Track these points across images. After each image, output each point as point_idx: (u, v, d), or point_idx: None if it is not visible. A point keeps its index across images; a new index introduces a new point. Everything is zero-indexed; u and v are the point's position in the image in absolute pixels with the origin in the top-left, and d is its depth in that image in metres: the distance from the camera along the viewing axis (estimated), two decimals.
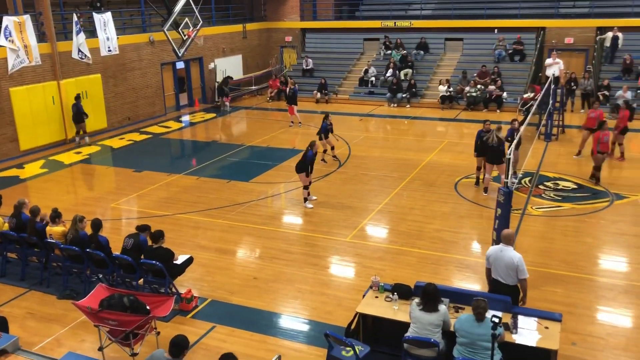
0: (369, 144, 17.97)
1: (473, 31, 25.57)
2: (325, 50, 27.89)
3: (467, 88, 22.50)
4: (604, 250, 10.25)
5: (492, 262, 7.09)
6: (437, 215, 11.93)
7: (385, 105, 23.76)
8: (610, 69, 22.27)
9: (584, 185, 13.38)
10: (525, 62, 23.86)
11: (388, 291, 7.16)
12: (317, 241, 10.83)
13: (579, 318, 7.94)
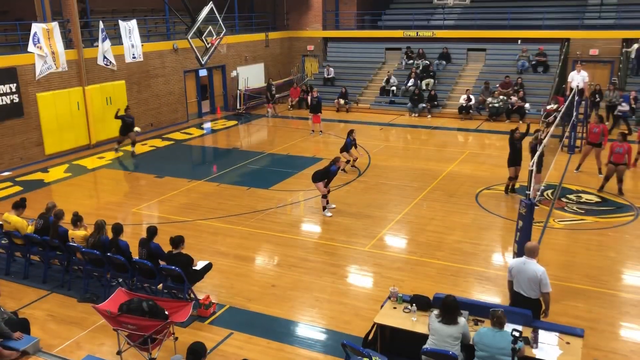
0: (389, 153, 17.92)
1: (496, 42, 25.40)
2: (347, 60, 27.95)
3: (490, 99, 22.34)
4: (628, 265, 10.05)
5: (514, 275, 7.00)
6: (457, 226, 11.83)
7: (406, 115, 23.70)
8: (636, 81, 21.92)
9: (607, 199, 13.17)
10: (549, 73, 23.62)
11: (406, 302, 7.10)
12: (335, 250, 10.81)
13: (601, 334, 7.78)
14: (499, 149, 18.41)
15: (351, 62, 27.68)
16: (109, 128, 18.75)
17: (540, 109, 21.45)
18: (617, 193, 13.29)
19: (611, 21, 24.56)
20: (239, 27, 26.40)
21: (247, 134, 21.85)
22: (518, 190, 13.54)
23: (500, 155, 17.18)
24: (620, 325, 8.09)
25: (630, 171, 14.11)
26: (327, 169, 12.46)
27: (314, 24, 28.88)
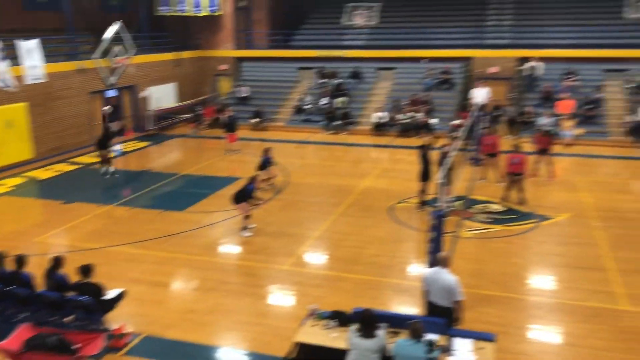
0: (306, 170, 18.07)
1: (404, 61, 26.42)
2: (262, 79, 28.01)
3: (399, 115, 23.11)
4: (533, 270, 10.66)
5: (428, 285, 7.22)
6: (374, 240, 12.07)
7: (321, 132, 24.04)
8: (531, 97, 23.50)
9: (511, 208, 13.93)
10: (454, 90, 24.83)
11: (326, 318, 7.13)
12: (255, 270, 10.71)
13: (511, 337, 8.18)
14: (410, 163, 19.02)
15: (266, 81, 27.77)
16: (8, 153, 17.60)
17: (447, 124, 22.46)
18: (519, 202, 14.09)
19: (507, 41, 26.26)
20: (149, 46, 25.79)
21: (160, 155, 21.29)
22: (429, 202, 14.03)
23: (411, 169, 17.79)
24: (528, 327, 8.55)
25: (529, 180, 14.99)
26: (244, 189, 12.37)
27: (226, 44, 28.77)
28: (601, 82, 23.21)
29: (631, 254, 11.08)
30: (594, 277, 10.09)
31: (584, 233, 12.24)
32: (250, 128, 24.67)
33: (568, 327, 8.54)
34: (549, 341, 8.23)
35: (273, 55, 28.66)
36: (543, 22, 26.76)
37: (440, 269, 7.14)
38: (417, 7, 29.59)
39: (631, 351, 7.81)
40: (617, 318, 8.68)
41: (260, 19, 30.21)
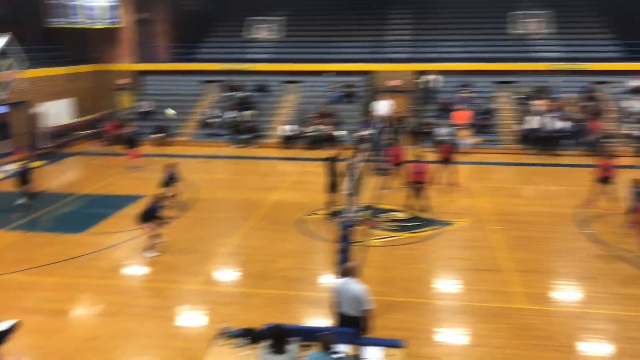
0: (213, 185, 17.77)
1: (309, 74, 26.79)
2: (165, 93, 27.32)
3: (307, 128, 23.37)
4: (438, 274, 11.10)
5: (337, 295, 7.30)
6: (285, 253, 12.07)
7: (228, 146, 23.78)
8: (430, 108, 24.60)
9: (415, 215, 14.45)
10: (358, 102, 25.48)
11: (237, 337, 7.01)
12: (162, 291, 10.34)
13: (420, 342, 8.44)
14: (319, 175, 19.27)
15: (169, 95, 27.11)
16: None
17: (352, 135, 22.98)
18: (422, 209, 14.65)
19: (407, 55, 27.37)
20: (42, 60, 24.39)
21: (58, 174, 20.11)
22: (337, 213, 14.23)
23: (320, 181, 18.01)
24: (435, 331, 8.87)
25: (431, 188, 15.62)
26: (150, 207, 11.97)
27: (126, 57, 27.82)
28: (493, 93, 24.74)
29: (525, 254, 11.82)
30: (494, 279, 10.66)
31: (483, 236, 12.92)
32: (154, 144, 23.97)
33: (471, 328, 8.95)
34: (454, 343, 8.58)
35: (176, 69, 28.09)
36: (439, 37, 28.17)
37: (349, 279, 7.25)
38: (321, 21, 30.18)
39: (528, 347, 8.31)
40: (514, 316, 9.20)
41: (162, 31, 29.53)
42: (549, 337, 8.57)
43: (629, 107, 22.76)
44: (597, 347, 8.42)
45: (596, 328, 8.89)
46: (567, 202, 15.43)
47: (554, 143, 21.47)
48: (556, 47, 26.82)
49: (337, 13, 29.72)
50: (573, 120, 21.85)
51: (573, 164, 20.18)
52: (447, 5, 29.54)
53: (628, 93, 23.93)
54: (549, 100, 23.16)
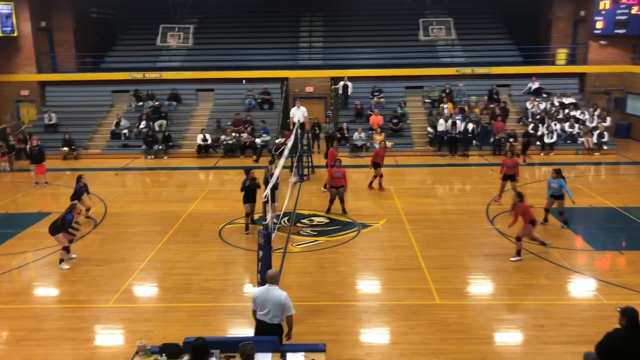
0: (127, 199, 17.16)
1: (223, 82, 26.52)
2: (70, 104, 26.08)
3: (223, 136, 23.09)
4: (357, 276, 11.27)
5: (258, 303, 7.24)
6: (204, 265, 11.84)
7: (142, 157, 23.05)
8: (345, 114, 25.03)
9: (334, 219, 14.64)
10: (274, 109, 25.50)
11: (156, 354, 6.79)
12: (74, 312, 9.84)
13: (341, 344, 8.54)
14: (237, 183, 19.08)
15: (75, 107, 25.91)
16: None
17: (270, 143, 22.96)
18: (341, 213, 14.86)
19: (320, 62, 27.73)
20: None
21: None
22: (257, 221, 14.16)
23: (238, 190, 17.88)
24: (356, 332, 9.00)
25: (348, 192, 15.91)
26: (62, 218, 11.44)
27: (26, 67, 26.34)
28: (404, 98, 25.54)
29: (440, 251, 12.28)
30: (411, 277, 10.99)
31: (400, 236, 13.28)
32: (62, 157, 22.82)
33: (390, 326, 9.16)
34: (375, 342, 8.74)
35: (82, 79, 26.88)
36: (350, 44, 28.74)
37: (269, 287, 7.22)
38: (233, 28, 29.96)
39: (444, 341, 8.62)
40: (432, 312, 9.52)
41: (64, 40, 28.17)
42: (466, 330, 8.93)
43: (531, 108, 24.22)
44: (510, 336, 8.88)
45: (508, 318, 9.37)
46: (477, 199, 16.19)
47: (463, 144, 22.47)
48: (462, 52, 28.15)
49: (249, 20, 29.62)
50: (478, 122, 22.96)
51: (481, 163, 21.21)
52: (358, 12, 30.20)
53: (529, 95, 25.49)
54: (456, 103, 24.23)
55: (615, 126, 25.58)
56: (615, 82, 26.28)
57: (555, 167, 14.02)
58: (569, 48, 27.74)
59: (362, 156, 22.43)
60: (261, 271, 8.70)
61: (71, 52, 28.10)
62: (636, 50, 26.07)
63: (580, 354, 7.17)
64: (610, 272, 11.22)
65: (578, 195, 16.50)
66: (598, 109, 24.03)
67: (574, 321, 9.17)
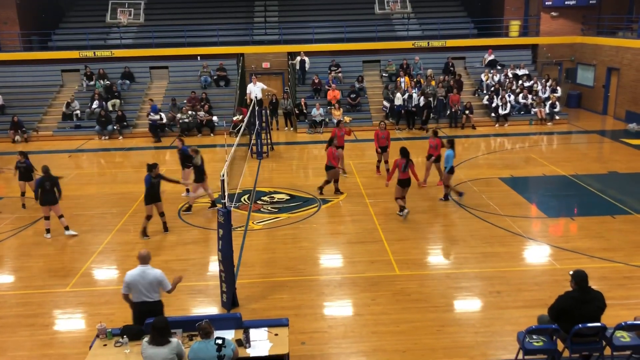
0: (82, 181, 16.74)
1: (177, 59, 25.94)
2: (17, 84, 25.07)
3: (179, 115, 22.67)
4: (319, 250, 11.35)
5: (133, 286, 7.16)
6: (164, 245, 11.71)
7: (96, 138, 22.46)
8: (303, 89, 24.90)
9: (295, 195, 14.65)
10: (230, 86, 25.15)
11: (117, 336, 6.73)
12: (31, 298, 9.61)
13: (304, 318, 8.62)
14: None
15: (22, 87, 24.93)
16: None
17: (228, 121, 22.69)
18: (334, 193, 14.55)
19: (276, 37, 27.40)
20: None
21: None
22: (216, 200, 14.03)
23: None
24: (318, 306, 9.09)
25: (308, 168, 15.89)
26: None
27: None
28: (361, 72, 25.54)
29: (398, 224, 12.46)
30: (371, 249, 11.14)
31: (360, 210, 13.41)
32: (11, 141, 22.03)
33: (353, 298, 9.30)
34: (337, 314, 8.86)
35: (28, 58, 25.83)
36: (306, 19, 28.48)
37: (143, 267, 7.19)
38: (185, 4, 29.25)
39: (405, 310, 8.80)
40: (392, 283, 9.69)
41: (7, 17, 26.94)
42: (426, 299, 9.14)
43: (485, 80, 24.60)
44: (468, 303, 9.13)
45: (466, 286, 9.62)
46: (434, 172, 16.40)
47: (420, 117, 22.69)
48: (417, 25, 28.25)
49: None
50: (435, 95, 23.19)
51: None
52: None
53: (484, 67, 25.87)
54: (413, 77, 24.39)
55: (566, 96, 26.31)
56: (567, 53, 26.93)
57: (449, 138, 14.13)
58: (521, 20, 28.17)
59: (321, 132, 22.43)
60: (222, 250, 8.65)
61: (16, 30, 26.91)
62: (586, 21, 26.71)
63: (535, 317, 7.45)
64: (562, 238, 11.64)
65: (532, 165, 17.02)
66: (550, 80, 24.60)
67: (529, 286, 9.50)
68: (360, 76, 24.84)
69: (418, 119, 22.72)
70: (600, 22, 26.00)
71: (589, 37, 25.91)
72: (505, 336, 8.02)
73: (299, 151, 20.05)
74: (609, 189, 14.54)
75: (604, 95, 24.84)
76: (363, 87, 24.67)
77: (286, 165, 17.94)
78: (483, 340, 7.95)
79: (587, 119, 24.16)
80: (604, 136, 21.35)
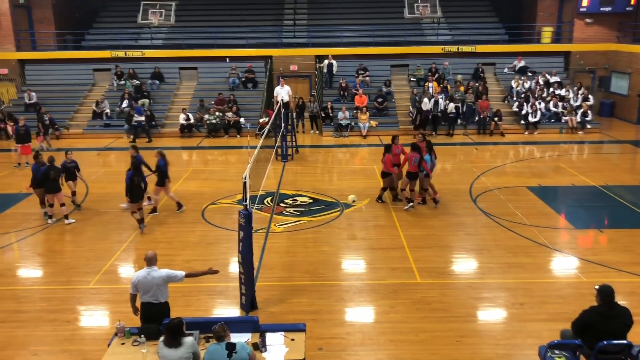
0: (109, 179, 16.99)
1: (206, 60, 26.19)
2: (51, 83, 25.64)
3: (206, 116, 22.86)
4: (340, 255, 11.28)
5: (140, 287, 7.16)
6: (187, 245, 11.79)
7: (124, 137, 22.79)
8: (330, 92, 24.87)
9: (318, 199, 14.61)
10: (258, 88, 25.27)
11: (135, 335, 6.78)
12: (54, 293, 9.77)
13: (322, 323, 8.56)
14: (222, 163, 19.05)
15: (56, 85, 25.48)
16: None
17: (255, 122, 22.80)
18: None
19: (304, 40, 27.44)
20: None
21: None
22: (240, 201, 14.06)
23: (223, 170, 17.86)
24: (337, 311, 9.02)
25: (332, 172, 15.85)
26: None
27: (5, 45, 25.80)
28: (389, 77, 25.40)
29: (421, 231, 12.33)
30: (393, 256, 11.03)
31: (383, 216, 13.30)
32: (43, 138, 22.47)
33: (372, 305, 9.20)
34: (356, 321, 8.78)
35: (62, 57, 26.38)
36: (335, 22, 28.47)
37: (149, 269, 7.16)
38: (215, 6, 29.52)
39: (424, 319, 8.68)
40: (412, 291, 9.57)
41: (44, 17, 27.58)
42: (446, 309, 9.00)
43: (516, 87, 24.23)
44: (489, 314, 8.96)
45: (488, 296, 9.44)
46: (460, 179, 16.23)
47: (447, 123, 22.45)
48: (447, 30, 27.99)
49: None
50: (463, 101, 22.92)
51: (465, 143, 21.25)
52: None
53: (514, 73, 25.49)
54: (441, 82, 24.14)
55: (599, 105, 25.74)
56: (600, 61, 26.35)
57: (427, 142, 13.89)
58: (554, 26, 27.67)
59: (346, 136, 22.36)
60: (242, 252, 8.66)
61: (51, 30, 27.53)
62: (621, 29, 26.11)
63: (558, 331, 7.27)
64: (590, 250, 11.35)
65: (561, 174, 16.68)
66: (582, 88, 24.09)
67: (553, 299, 9.27)
68: (387, 80, 24.70)
69: (445, 125, 22.48)
70: (637, 30, 25.38)
71: (624, 45, 25.30)
72: (526, 349, 7.84)
73: (324, 154, 20.02)
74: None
75: (638, 104, 24.22)
76: (390, 92, 24.53)
77: (310, 169, 17.92)
78: (503, 353, 7.79)
79: (620, 128, 23.59)
80: (637, 147, 20.80)
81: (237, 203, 14.10)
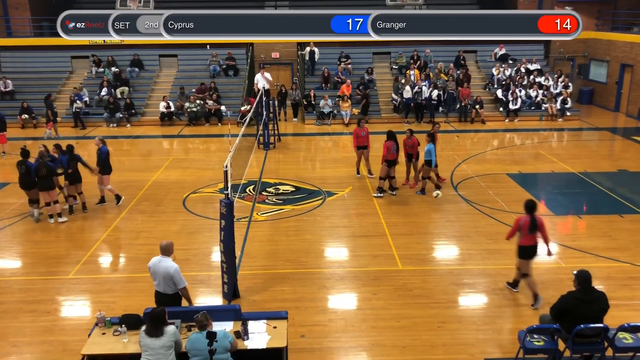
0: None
1: (186, 47, 25.88)
2: (27, 70, 25.17)
3: (187, 104, 22.64)
4: (322, 243, 11.30)
5: (151, 273, 7.18)
6: (168, 234, 11.67)
7: (104, 125, 22.49)
8: (312, 80, 24.76)
9: (300, 187, 14.59)
10: (239, 76, 25.07)
11: (116, 324, 6.73)
12: (33, 284, 9.65)
13: (305, 311, 8.59)
14: (202, 152, 18.93)
15: (32, 73, 25.02)
16: None
17: (236, 110, 22.64)
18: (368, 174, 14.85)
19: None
20: None
21: None
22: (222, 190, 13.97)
23: (203, 158, 17.74)
24: (319, 299, 9.05)
25: (315, 160, 15.83)
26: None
27: None
28: (371, 65, 25.35)
29: (403, 218, 12.39)
30: (375, 243, 11.08)
31: (365, 204, 13.33)
32: (20, 126, 22.13)
33: (354, 292, 9.25)
34: (338, 308, 8.82)
35: (39, 44, 25.88)
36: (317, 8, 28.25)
37: (163, 257, 7.14)
38: None
39: (406, 306, 8.74)
40: (394, 278, 9.63)
41: (18, 3, 26.96)
42: (427, 295, 9.08)
43: (497, 75, 24.36)
44: (470, 300, 9.05)
45: (469, 282, 9.54)
46: (441, 166, 16.24)
47: (429, 111, 22.52)
48: None
49: None
50: (445, 89, 22.99)
51: (447, 130, 21.34)
52: None
53: (495, 61, 25.60)
54: (424, 69, 24.17)
55: (578, 92, 26.01)
56: (580, 49, 26.60)
57: (429, 133, 14.06)
58: None
59: (328, 124, 22.33)
60: (223, 241, 8.63)
61: (26, 16, 26.95)
62: (600, 17, 26.34)
63: (537, 316, 7.38)
64: (569, 236, 11.51)
65: (540, 161, 16.86)
66: (562, 76, 24.31)
67: None
68: (370, 68, 24.65)
69: (427, 113, 22.55)
70: (615, 18, 25.63)
71: (603, 33, 25.57)
72: (506, 334, 7.95)
73: (306, 142, 19.98)
74: (618, 188, 14.37)
75: (616, 92, 24.54)
76: (372, 79, 24.49)
77: (293, 157, 17.87)
78: (484, 338, 7.89)
79: (599, 115, 23.89)
80: (615, 134, 21.10)
81: (218, 192, 14.03)
